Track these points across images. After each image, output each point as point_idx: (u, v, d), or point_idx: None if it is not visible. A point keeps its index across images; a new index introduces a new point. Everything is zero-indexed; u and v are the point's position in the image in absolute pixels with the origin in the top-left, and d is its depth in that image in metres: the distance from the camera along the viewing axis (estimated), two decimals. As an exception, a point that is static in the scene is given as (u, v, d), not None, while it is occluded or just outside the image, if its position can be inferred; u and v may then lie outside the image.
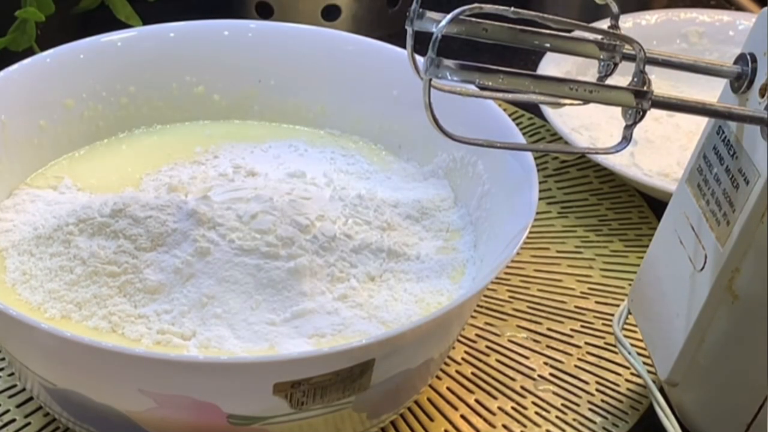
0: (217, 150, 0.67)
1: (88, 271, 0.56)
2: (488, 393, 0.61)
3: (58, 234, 0.58)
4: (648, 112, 0.55)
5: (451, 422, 0.59)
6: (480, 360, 0.63)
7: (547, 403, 0.60)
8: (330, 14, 0.87)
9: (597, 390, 0.61)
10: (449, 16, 0.48)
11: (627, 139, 0.51)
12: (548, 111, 0.74)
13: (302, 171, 0.64)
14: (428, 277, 0.59)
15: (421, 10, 0.53)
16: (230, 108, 0.70)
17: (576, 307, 0.66)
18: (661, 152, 0.74)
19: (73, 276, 0.56)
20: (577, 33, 0.56)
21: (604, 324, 0.65)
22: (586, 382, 0.62)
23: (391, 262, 0.59)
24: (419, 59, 0.51)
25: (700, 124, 0.78)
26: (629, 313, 0.59)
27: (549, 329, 0.65)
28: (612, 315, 0.66)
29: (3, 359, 0.60)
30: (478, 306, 0.65)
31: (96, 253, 0.56)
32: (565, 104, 0.57)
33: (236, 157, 0.66)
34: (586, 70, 0.80)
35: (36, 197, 0.62)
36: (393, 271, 0.58)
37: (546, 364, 0.63)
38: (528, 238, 0.54)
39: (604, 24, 0.83)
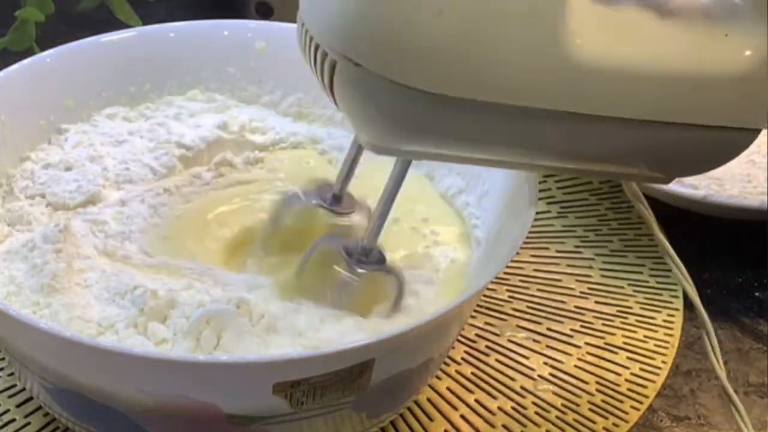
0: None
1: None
2: (488, 393, 0.61)
3: (23, 250, 0.57)
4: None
5: (451, 422, 0.59)
6: (480, 360, 0.63)
7: (547, 403, 0.60)
8: (330, 14, 0.87)
9: (597, 390, 0.61)
10: None
11: None
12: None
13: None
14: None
15: None
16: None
17: (576, 307, 0.66)
18: (660, 152, 0.74)
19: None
20: None
21: (604, 324, 0.65)
22: (586, 382, 0.62)
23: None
24: None
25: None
26: None
27: (549, 329, 0.65)
28: (612, 315, 0.66)
29: (3, 359, 0.60)
30: (478, 306, 0.65)
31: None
32: None
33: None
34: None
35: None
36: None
37: (546, 364, 0.63)
38: (528, 238, 0.54)
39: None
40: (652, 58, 0.50)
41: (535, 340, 0.64)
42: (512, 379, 0.62)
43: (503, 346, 0.64)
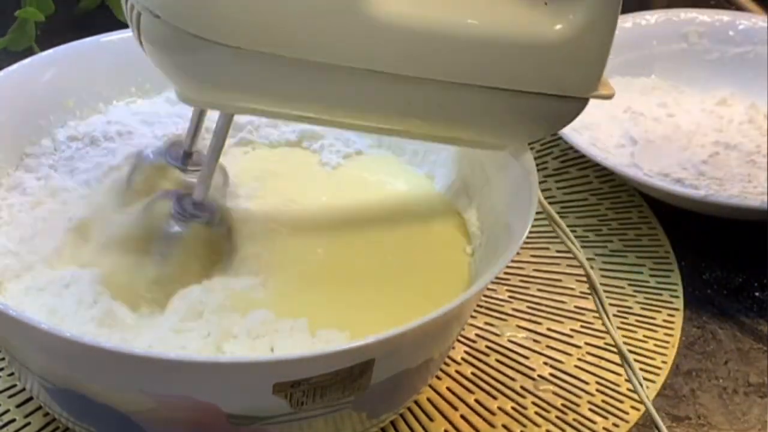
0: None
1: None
2: (488, 393, 0.61)
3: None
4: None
5: (451, 422, 0.59)
6: (480, 360, 0.63)
7: (547, 403, 0.60)
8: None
9: (597, 390, 0.61)
10: None
11: None
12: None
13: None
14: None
15: None
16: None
17: (576, 307, 0.66)
18: (661, 152, 0.74)
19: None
20: None
21: (604, 324, 0.65)
22: (586, 382, 0.62)
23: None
24: None
25: (700, 123, 0.78)
26: None
27: (549, 329, 0.65)
28: (612, 315, 0.66)
29: (3, 359, 0.60)
30: (478, 306, 0.65)
31: None
32: None
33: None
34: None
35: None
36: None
37: (546, 364, 0.63)
38: (528, 238, 0.54)
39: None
40: (459, 20, 0.49)
41: (535, 340, 0.64)
42: (512, 379, 0.62)
43: (503, 346, 0.64)
